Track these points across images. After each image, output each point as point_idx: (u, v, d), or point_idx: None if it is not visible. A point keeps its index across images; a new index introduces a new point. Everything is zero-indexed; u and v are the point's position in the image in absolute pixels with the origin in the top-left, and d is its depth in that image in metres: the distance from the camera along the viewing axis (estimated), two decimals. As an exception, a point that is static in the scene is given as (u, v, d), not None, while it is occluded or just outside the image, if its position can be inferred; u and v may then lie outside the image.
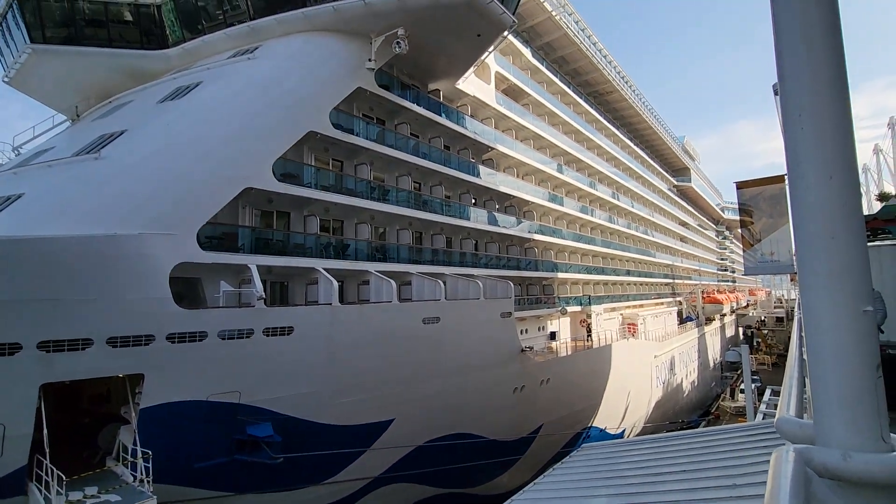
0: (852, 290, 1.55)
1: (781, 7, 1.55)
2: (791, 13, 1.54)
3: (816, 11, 1.50)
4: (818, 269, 1.58)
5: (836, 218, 1.55)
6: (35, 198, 12.15)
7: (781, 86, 1.61)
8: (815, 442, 1.65)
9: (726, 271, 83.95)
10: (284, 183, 14.98)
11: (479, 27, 18.26)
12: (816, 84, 1.53)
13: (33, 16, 18.43)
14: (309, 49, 17.04)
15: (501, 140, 25.82)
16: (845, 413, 1.54)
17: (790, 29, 1.56)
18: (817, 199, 1.56)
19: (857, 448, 1.51)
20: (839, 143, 1.54)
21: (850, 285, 1.55)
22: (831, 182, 1.54)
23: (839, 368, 1.56)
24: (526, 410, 21.01)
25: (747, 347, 12.78)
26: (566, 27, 30.65)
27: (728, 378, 53.51)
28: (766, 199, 7.60)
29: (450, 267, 20.80)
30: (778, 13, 1.58)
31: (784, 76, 1.59)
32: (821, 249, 1.56)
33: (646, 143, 53.42)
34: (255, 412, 12.68)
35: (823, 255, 1.56)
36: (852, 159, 1.56)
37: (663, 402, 35.72)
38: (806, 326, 1.65)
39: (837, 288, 1.56)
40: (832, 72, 1.53)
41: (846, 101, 1.57)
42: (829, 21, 1.52)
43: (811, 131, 1.55)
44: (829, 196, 1.55)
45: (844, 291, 1.55)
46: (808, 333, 1.65)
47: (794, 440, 1.84)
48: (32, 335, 10.06)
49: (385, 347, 15.38)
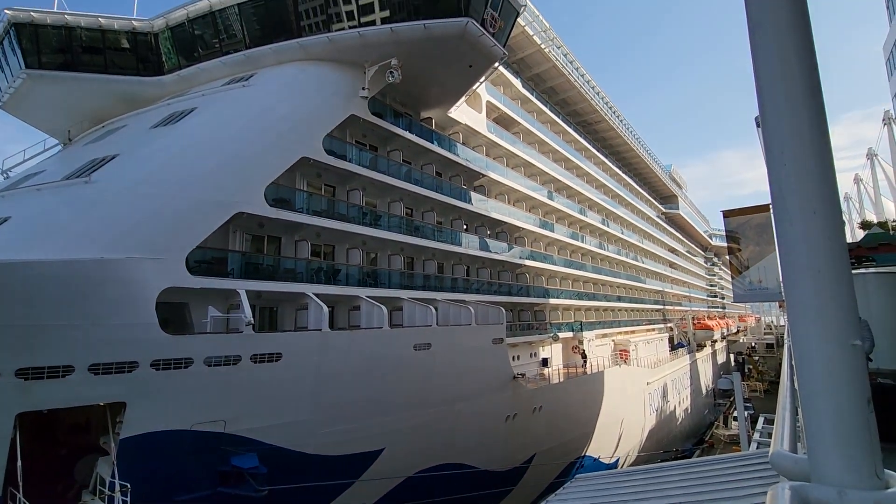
0: (840, 323, 1.56)
1: (760, 48, 1.62)
2: (769, 53, 1.60)
3: (794, 51, 1.56)
4: (805, 304, 1.60)
5: (821, 253, 1.58)
6: (22, 221, 12.02)
7: (764, 125, 1.67)
8: (809, 478, 1.63)
9: (716, 297, 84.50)
10: (276, 208, 14.98)
11: (471, 58, 18.75)
12: (797, 123, 1.58)
13: (30, 42, 18.63)
14: (303, 77, 17.34)
15: (492, 167, 26.18)
16: (839, 449, 1.53)
17: (769, 69, 1.62)
18: (802, 234, 1.59)
19: (853, 485, 1.50)
20: (821, 179, 1.58)
21: (838, 319, 1.56)
22: (815, 217, 1.57)
23: (831, 404, 1.56)
24: (518, 439, 20.64)
25: (739, 375, 12.75)
26: (555, 59, 31.57)
27: (721, 405, 53.23)
28: (753, 228, 7.73)
29: (441, 293, 20.73)
30: (757, 54, 1.64)
31: (766, 116, 1.64)
32: (807, 284, 1.58)
33: (634, 170, 54.46)
34: (240, 442, 12.31)
35: (810, 289, 1.58)
36: (834, 195, 1.60)
37: (657, 430, 35.32)
38: (796, 361, 1.66)
39: (825, 322, 1.57)
40: (811, 111, 1.58)
41: (826, 137, 1.62)
42: (807, 61, 1.58)
43: (793, 169, 1.59)
44: (814, 231, 1.58)
45: (832, 326, 1.56)
46: (798, 367, 1.66)
47: (789, 476, 1.82)
48: (11, 362, 9.77)
49: (375, 374, 15.13)
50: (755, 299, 8.37)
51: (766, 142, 1.68)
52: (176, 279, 12.01)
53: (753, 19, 1.66)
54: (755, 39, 1.65)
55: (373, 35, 16.96)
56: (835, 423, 1.55)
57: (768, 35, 1.61)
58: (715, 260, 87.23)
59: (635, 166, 54.04)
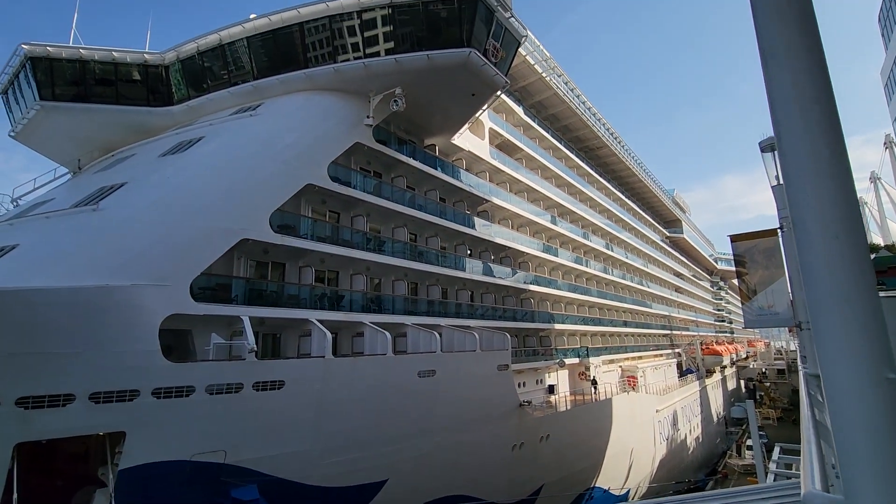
0: (873, 356, 1.49)
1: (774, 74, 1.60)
2: (783, 79, 1.58)
3: (808, 75, 1.54)
4: (835, 336, 1.53)
5: (848, 280, 1.51)
6: (30, 248, 12.08)
7: (781, 152, 1.62)
8: (846, 519, 1.53)
9: (724, 322, 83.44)
10: (281, 234, 15.04)
11: (474, 87, 19.11)
12: (815, 149, 1.54)
13: (45, 75, 19.17)
14: (309, 106, 17.68)
15: (496, 193, 26.35)
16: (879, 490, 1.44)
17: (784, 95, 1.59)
18: (827, 261, 1.53)
19: (895, 529, 1.40)
20: (843, 203, 1.54)
21: (870, 351, 1.49)
22: (839, 242, 1.52)
23: (867, 442, 1.47)
24: (525, 469, 20.07)
25: (752, 402, 12.42)
26: (556, 87, 32.15)
27: (733, 433, 51.81)
28: (761, 252, 7.67)
29: (446, 318, 20.56)
30: (771, 80, 1.62)
31: (783, 143, 1.60)
32: (836, 315, 1.51)
33: (637, 195, 54.67)
34: (240, 473, 12.01)
35: (839, 321, 1.51)
36: (857, 218, 1.55)
37: (668, 459, 34.32)
38: (827, 396, 1.57)
39: (856, 355, 1.50)
40: (829, 135, 1.55)
41: (845, 161, 1.58)
42: (822, 84, 1.55)
43: (814, 194, 1.55)
44: (838, 258, 1.52)
45: (865, 358, 1.49)
46: (830, 403, 1.57)
47: (823, 518, 1.72)
48: (12, 391, 9.66)
49: (379, 402, 14.86)
50: (766, 325, 8.23)
51: (783, 168, 1.64)
52: (180, 306, 11.97)
53: (766, 46, 1.65)
54: (769, 66, 1.63)
55: (377, 66, 17.36)
56: (872, 462, 1.46)
57: (782, 61, 1.59)
58: (721, 284, 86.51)
59: (638, 191, 54.27)
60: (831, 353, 1.55)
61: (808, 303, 1.62)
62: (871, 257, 1.60)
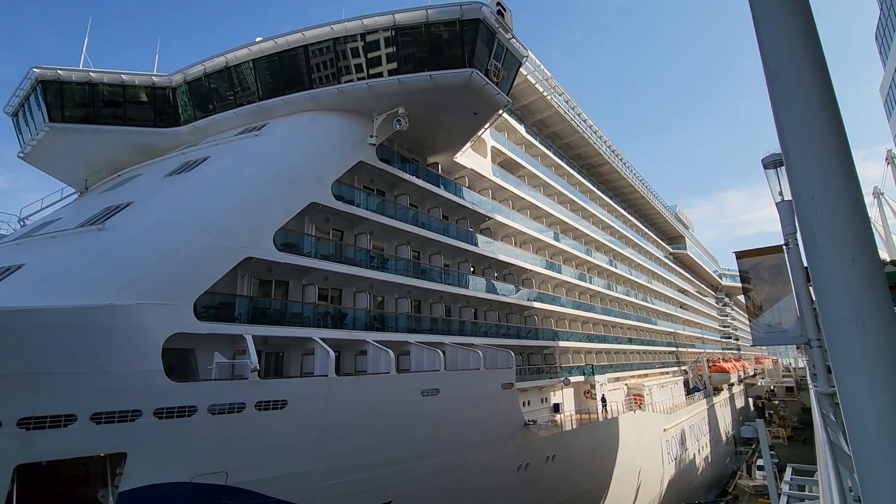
0: (893, 377, 1.46)
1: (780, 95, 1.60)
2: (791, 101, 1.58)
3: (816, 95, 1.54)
4: (854, 359, 1.50)
5: (866, 303, 1.49)
6: (35, 268, 12.13)
7: (790, 173, 1.62)
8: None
9: (730, 339, 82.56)
10: (285, 252, 15.08)
11: (476, 107, 19.34)
12: (826, 169, 1.54)
13: (55, 97, 19.53)
14: (314, 126, 17.91)
15: (498, 210, 26.43)
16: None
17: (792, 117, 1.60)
18: (842, 285, 1.51)
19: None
20: (856, 224, 1.52)
21: (891, 373, 1.46)
22: (854, 266, 1.51)
23: (890, 466, 1.44)
24: (531, 491, 19.68)
25: (762, 422, 12.21)
26: (557, 106, 32.52)
27: (743, 453, 50.84)
28: (768, 269, 7.62)
29: (449, 336, 20.43)
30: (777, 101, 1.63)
31: (791, 164, 1.60)
32: (854, 339, 1.48)
33: (639, 212, 54.74)
34: (241, 495, 11.81)
35: (858, 344, 1.48)
36: (870, 240, 1.53)
37: (677, 480, 33.61)
38: (847, 421, 1.54)
39: (877, 379, 1.46)
40: (839, 155, 1.54)
41: (856, 181, 1.57)
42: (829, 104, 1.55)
43: (826, 216, 1.54)
44: (855, 281, 1.51)
45: (884, 382, 1.46)
46: (850, 428, 1.53)
47: (847, 548, 1.67)
48: (13, 411, 9.59)
49: (382, 422, 14.67)
50: (775, 343, 8.13)
51: (794, 191, 1.63)
52: (184, 325, 11.94)
53: (771, 65, 1.66)
54: (775, 86, 1.64)
55: (381, 86, 17.62)
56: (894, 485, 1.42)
57: (788, 80, 1.60)
58: (727, 300, 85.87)
59: (640, 207, 54.36)
60: (850, 376, 1.52)
61: (824, 325, 1.59)
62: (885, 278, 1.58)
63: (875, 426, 1.47)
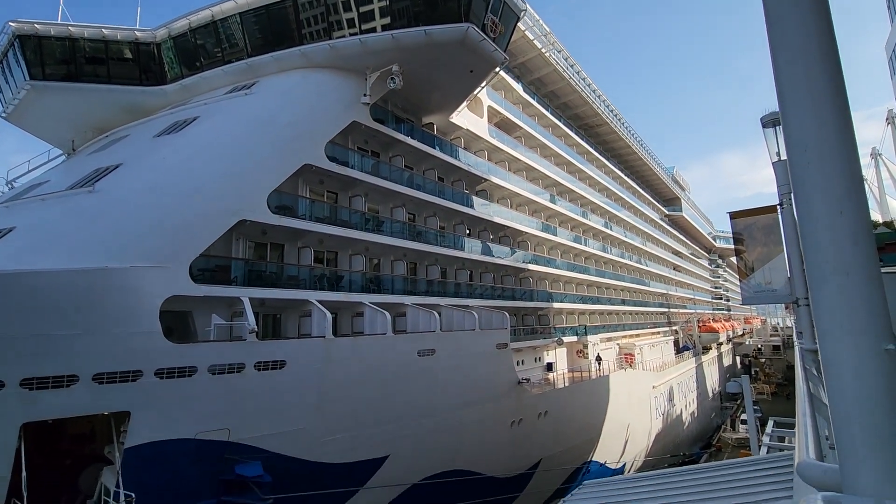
0: (872, 328, 1.50)
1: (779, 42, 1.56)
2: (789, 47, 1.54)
3: (816, 45, 1.50)
4: (834, 308, 1.54)
5: (850, 255, 1.51)
6: (26, 231, 12.03)
7: (785, 125, 1.60)
8: (841, 488, 1.57)
9: (721, 300, 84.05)
10: (279, 215, 14.98)
11: (472, 64, 18.77)
12: (821, 121, 1.51)
13: (34, 53, 18.76)
14: (305, 84, 17.39)
15: (494, 171, 26.17)
16: (875, 459, 1.47)
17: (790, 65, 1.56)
18: (829, 236, 1.53)
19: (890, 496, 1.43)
20: (847, 178, 1.52)
21: (869, 323, 1.50)
22: (842, 218, 1.51)
23: (863, 411, 1.50)
24: (523, 445, 20.48)
25: (748, 378, 12.62)
26: (555, 63, 31.62)
27: (728, 408, 52.80)
28: (760, 229, 7.66)
29: (445, 298, 20.66)
30: (776, 48, 1.59)
31: (787, 116, 1.58)
32: (836, 289, 1.52)
33: (636, 173, 54.37)
34: (244, 450, 12.24)
35: (839, 294, 1.51)
36: (861, 194, 1.54)
37: (663, 434, 35.02)
38: (824, 367, 1.59)
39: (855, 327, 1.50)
40: (836, 108, 1.52)
41: (851, 135, 1.56)
42: (829, 56, 1.51)
43: (818, 168, 1.53)
44: (842, 233, 1.52)
45: (863, 330, 1.50)
46: (828, 376, 1.59)
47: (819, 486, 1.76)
48: (16, 372, 9.75)
49: (379, 381, 15.06)
50: (764, 301, 8.29)
51: (788, 142, 1.62)
52: (180, 287, 11.99)
53: (772, 14, 1.61)
54: (774, 35, 1.59)
55: (374, 42, 17.00)
56: (868, 431, 1.49)
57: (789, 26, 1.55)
58: (719, 262, 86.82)
59: (637, 169, 53.95)
60: (830, 325, 1.57)
61: (809, 276, 1.62)
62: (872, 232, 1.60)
63: (852, 371, 1.52)
